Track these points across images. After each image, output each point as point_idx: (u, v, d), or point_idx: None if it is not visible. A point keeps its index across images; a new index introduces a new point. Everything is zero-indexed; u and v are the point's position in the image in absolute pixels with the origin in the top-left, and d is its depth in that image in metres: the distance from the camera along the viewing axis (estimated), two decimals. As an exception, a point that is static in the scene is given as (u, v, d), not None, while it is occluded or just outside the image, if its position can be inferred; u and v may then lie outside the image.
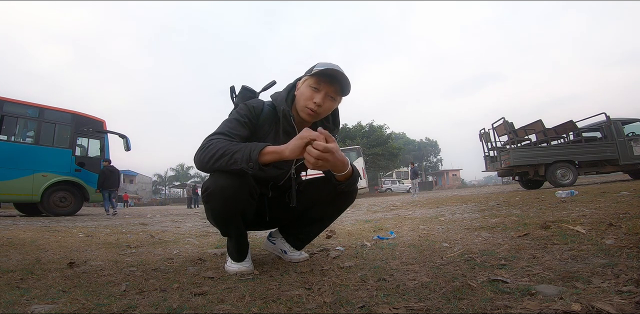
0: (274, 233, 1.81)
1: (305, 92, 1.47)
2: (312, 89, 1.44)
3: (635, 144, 8.82)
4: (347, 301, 1.02)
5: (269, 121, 1.53)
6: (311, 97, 1.44)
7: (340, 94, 1.49)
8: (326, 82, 1.43)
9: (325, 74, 1.42)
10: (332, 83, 1.43)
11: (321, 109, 1.46)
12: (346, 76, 1.44)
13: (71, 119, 8.69)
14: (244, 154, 1.26)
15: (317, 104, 1.44)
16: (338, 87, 1.44)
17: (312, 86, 1.44)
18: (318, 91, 1.44)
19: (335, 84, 1.43)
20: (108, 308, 1.05)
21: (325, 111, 1.49)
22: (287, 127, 1.51)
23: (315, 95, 1.44)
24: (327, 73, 1.42)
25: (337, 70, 1.42)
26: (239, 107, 1.54)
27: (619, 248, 1.41)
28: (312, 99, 1.44)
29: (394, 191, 31.74)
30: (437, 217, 3.54)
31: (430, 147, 67.93)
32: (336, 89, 1.45)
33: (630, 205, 2.85)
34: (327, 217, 1.72)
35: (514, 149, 9.46)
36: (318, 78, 1.43)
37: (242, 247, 1.56)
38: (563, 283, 1.06)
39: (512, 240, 1.84)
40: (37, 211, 8.36)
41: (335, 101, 1.50)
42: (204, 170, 1.40)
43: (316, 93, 1.44)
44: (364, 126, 28.92)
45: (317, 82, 1.43)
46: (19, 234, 3.37)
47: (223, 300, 1.10)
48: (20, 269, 1.63)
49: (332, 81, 1.43)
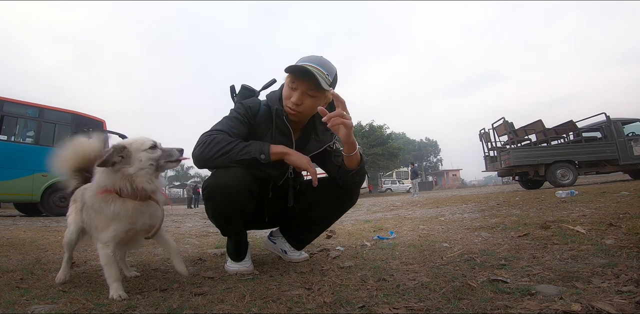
0: (274, 233, 1.81)
1: (284, 91, 1.45)
2: (289, 87, 1.41)
3: (635, 144, 8.81)
4: (347, 301, 1.02)
5: (265, 121, 1.51)
6: (289, 96, 1.41)
7: (318, 90, 1.39)
8: (300, 79, 1.37)
9: (296, 71, 1.36)
10: (306, 79, 1.36)
11: (301, 107, 1.41)
12: (319, 70, 1.35)
13: (71, 119, 8.67)
14: (256, 147, 1.33)
15: (294, 103, 1.40)
16: (312, 83, 1.36)
17: (288, 84, 1.41)
18: (295, 90, 1.40)
19: (309, 80, 1.36)
20: (108, 308, 1.05)
21: (308, 109, 1.43)
22: (281, 126, 1.50)
23: (292, 93, 1.40)
24: (297, 70, 1.35)
25: (306, 66, 1.34)
26: (236, 106, 1.53)
27: (619, 247, 1.41)
28: (289, 98, 1.41)
29: (394, 191, 31.76)
30: (437, 217, 3.54)
31: (430, 147, 67.94)
32: (310, 85, 1.37)
33: (630, 205, 2.86)
34: (327, 218, 1.72)
35: (514, 149, 9.46)
36: (292, 76, 1.39)
37: (241, 247, 1.56)
38: (563, 283, 1.06)
39: (512, 240, 1.84)
40: (37, 211, 8.35)
41: (317, 98, 1.41)
42: (205, 166, 1.40)
43: (293, 92, 1.40)
44: (364, 126, 28.88)
45: (292, 80, 1.40)
46: (19, 234, 3.37)
47: (223, 300, 1.10)
48: (20, 269, 1.63)
49: (305, 77, 1.36)
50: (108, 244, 1.20)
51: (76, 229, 1.42)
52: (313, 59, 1.40)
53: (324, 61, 1.41)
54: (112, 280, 1.18)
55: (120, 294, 1.15)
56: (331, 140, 1.58)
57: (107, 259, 1.19)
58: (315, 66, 1.36)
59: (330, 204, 1.64)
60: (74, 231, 1.42)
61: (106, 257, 1.20)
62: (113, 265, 1.20)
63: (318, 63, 1.38)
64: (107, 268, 1.19)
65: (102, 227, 1.21)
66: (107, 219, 1.19)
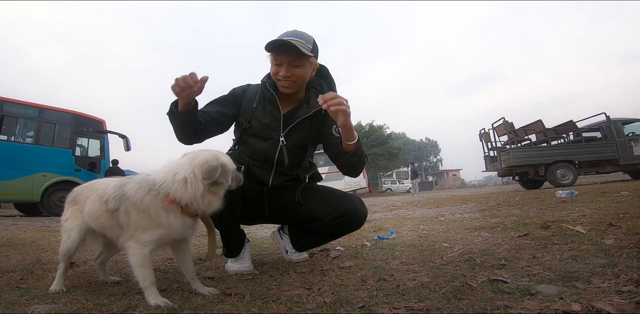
0: (284, 228, 1.82)
1: (271, 69, 1.48)
2: (274, 65, 1.45)
3: (635, 144, 8.81)
4: (347, 301, 1.02)
5: (254, 96, 1.57)
6: (276, 71, 1.45)
7: (301, 58, 1.42)
8: (282, 54, 1.41)
9: (275, 47, 1.40)
10: (288, 52, 1.40)
11: (293, 78, 1.45)
12: (296, 40, 1.38)
13: (71, 119, 8.67)
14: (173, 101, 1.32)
15: (284, 76, 1.44)
16: (294, 53, 1.39)
17: (272, 62, 1.45)
18: (280, 65, 1.43)
19: (290, 52, 1.39)
20: (108, 308, 1.05)
21: (299, 79, 1.47)
22: (268, 96, 1.54)
23: (279, 69, 1.44)
24: (276, 45, 1.39)
25: (282, 39, 1.37)
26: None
27: (619, 247, 1.41)
28: (278, 74, 1.45)
29: (394, 191, 31.75)
30: (437, 217, 3.54)
31: (430, 147, 67.91)
32: (293, 56, 1.40)
33: (630, 205, 2.86)
34: (329, 235, 1.70)
35: (514, 149, 9.46)
36: (272, 53, 1.43)
37: (231, 242, 1.56)
38: (563, 283, 1.06)
39: (512, 240, 1.84)
40: (37, 211, 8.35)
41: (303, 66, 1.45)
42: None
43: (279, 67, 1.44)
44: (364, 126, 28.86)
45: (274, 57, 1.43)
46: (19, 234, 3.38)
47: (223, 300, 1.10)
48: (20, 269, 1.63)
49: (286, 50, 1.39)
50: (146, 245, 1.11)
51: (79, 236, 1.28)
52: (287, 33, 1.45)
53: (298, 32, 1.46)
54: (148, 283, 1.09)
55: (162, 301, 1.05)
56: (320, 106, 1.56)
57: (142, 260, 1.10)
58: (291, 38, 1.40)
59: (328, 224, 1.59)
60: (75, 238, 1.28)
61: (142, 257, 1.10)
62: (149, 267, 1.11)
63: (293, 35, 1.43)
64: (142, 270, 1.09)
65: (146, 228, 1.11)
66: (156, 224, 1.11)
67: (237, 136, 1.63)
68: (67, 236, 1.29)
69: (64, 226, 1.32)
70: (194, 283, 1.23)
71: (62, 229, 1.33)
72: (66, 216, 1.33)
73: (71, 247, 1.28)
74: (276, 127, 1.54)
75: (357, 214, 1.60)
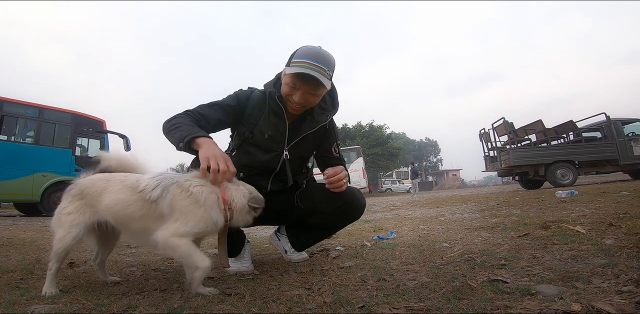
0: (281, 229, 1.82)
1: (284, 88, 1.46)
2: (289, 86, 1.42)
3: (635, 144, 8.81)
4: (347, 301, 1.02)
5: (258, 105, 1.54)
6: (290, 93, 1.44)
7: (320, 89, 1.42)
8: (301, 82, 1.39)
9: (298, 75, 1.37)
10: (308, 82, 1.38)
11: (305, 104, 1.46)
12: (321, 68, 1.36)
13: (71, 119, 8.67)
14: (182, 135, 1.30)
15: (297, 103, 1.44)
16: (314, 85, 1.39)
17: (288, 83, 1.42)
18: (296, 89, 1.42)
19: (310, 82, 1.38)
20: (108, 308, 1.05)
21: (311, 104, 1.48)
22: (274, 107, 1.51)
23: (294, 92, 1.43)
24: (299, 74, 1.36)
25: (310, 68, 1.34)
26: (228, 96, 1.57)
27: (619, 247, 1.41)
28: (292, 96, 1.44)
29: (394, 191, 31.75)
30: (437, 217, 3.54)
31: (430, 147, 67.89)
32: (313, 86, 1.39)
33: (630, 205, 2.86)
34: (328, 227, 1.71)
35: (514, 149, 9.45)
36: (293, 78, 1.40)
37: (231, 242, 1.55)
38: (563, 283, 1.06)
39: (512, 240, 1.84)
40: (37, 211, 8.34)
41: (317, 94, 1.45)
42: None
43: (295, 91, 1.42)
44: (364, 126, 28.89)
45: (293, 82, 1.41)
46: (19, 234, 3.38)
47: (223, 300, 1.10)
48: (20, 269, 1.63)
49: (306, 80, 1.38)
50: (186, 236, 1.15)
51: (81, 232, 1.23)
52: (312, 54, 1.38)
53: (324, 56, 1.39)
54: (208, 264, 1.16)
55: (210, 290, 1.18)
56: (326, 120, 1.57)
57: (189, 247, 1.14)
58: (317, 64, 1.36)
59: (330, 215, 1.62)
60: (77, 235, 1.22)
61: (187, 245, 1.14)
62: (198, 250, 1.17)
63: (318, 60, 1.37)
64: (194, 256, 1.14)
65: (189, 220, 1.16)
66: (202, 218, 1.17)
67: (237, 143, 1.59)
68: (67, 232, 1.22)
69: (64, 221, 1.24)
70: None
71: (59, 224, 1.24)
72: (68, 211, 1.25)
73: (69, 245, 1.22)
74: (280, 140, 1.52)
75: (357, 202, 1.62)
